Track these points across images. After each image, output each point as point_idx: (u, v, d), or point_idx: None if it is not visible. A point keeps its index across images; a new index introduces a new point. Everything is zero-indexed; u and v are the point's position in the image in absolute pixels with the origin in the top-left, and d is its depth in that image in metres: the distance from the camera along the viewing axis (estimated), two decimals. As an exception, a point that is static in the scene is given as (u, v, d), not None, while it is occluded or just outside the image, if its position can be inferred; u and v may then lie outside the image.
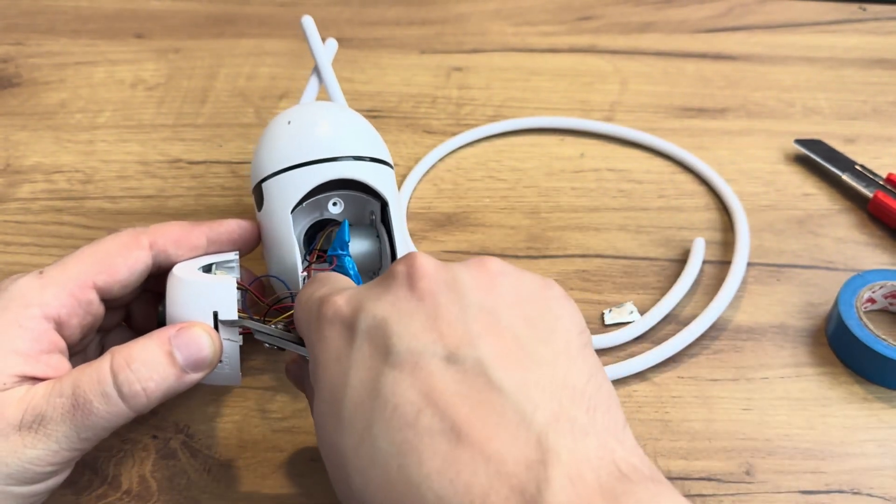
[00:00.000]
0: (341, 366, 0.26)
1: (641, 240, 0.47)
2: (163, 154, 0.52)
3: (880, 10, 0.66)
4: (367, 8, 0.66)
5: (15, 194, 0.49)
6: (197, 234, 0.36)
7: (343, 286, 0.30)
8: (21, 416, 0.29)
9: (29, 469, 0.29)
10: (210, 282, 0.34)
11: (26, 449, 0.29)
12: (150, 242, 0.35)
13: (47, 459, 0.30)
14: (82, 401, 0.30)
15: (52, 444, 0.30)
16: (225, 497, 0.35)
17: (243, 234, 0.38)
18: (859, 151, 0.53)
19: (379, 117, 0.55)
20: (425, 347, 0.25)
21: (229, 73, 0.59)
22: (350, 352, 0.26)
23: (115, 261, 0.34)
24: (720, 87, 0.58)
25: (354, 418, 0.25)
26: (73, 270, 0.33)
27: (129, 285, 0.35)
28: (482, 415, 0.23)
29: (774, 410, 0.39)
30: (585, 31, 0.64)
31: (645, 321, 0.42)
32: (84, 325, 0.34)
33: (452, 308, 0.26)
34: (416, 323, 0.25)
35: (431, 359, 0.25)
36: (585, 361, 0.26)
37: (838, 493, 0.36)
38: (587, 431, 0.24)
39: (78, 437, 0.30)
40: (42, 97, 0.57)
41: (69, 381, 0.30)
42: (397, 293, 0.27)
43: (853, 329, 0.40)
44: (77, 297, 0.33)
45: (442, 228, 0.48)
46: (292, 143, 0.38)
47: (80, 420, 0.30)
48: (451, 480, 0.22)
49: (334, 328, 0.27)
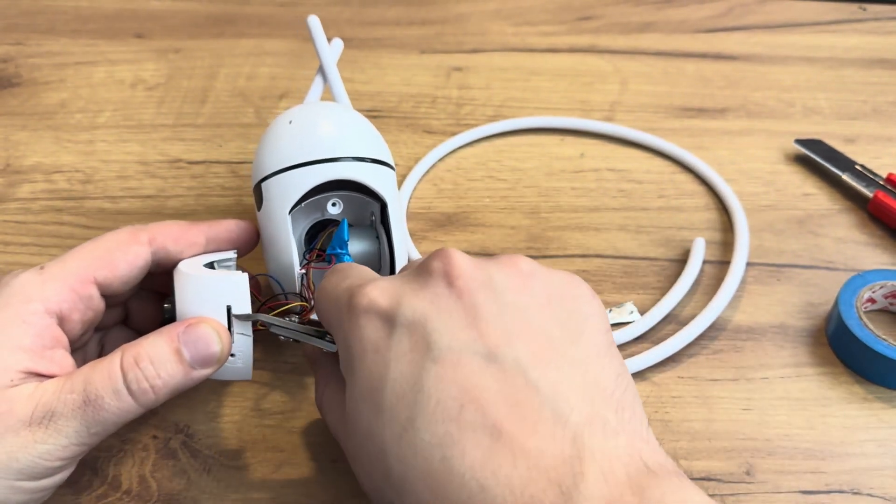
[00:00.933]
0: (381, 357, 0.27)
1: (641, 240, 0.47)
2: (163, 154, 0.52)
3: (880, 10, 0.66)
4: (367, 8, 0.66)
5: (15, 194, 0.49)
6: (195, 232, 0.36)
7: (370, 277, 0.31)
8: (31, 412, 0.30)
9: (39, 464, 0.30)
10: (222, 276, 0.34)
11: (37, 444, 0.29)
12: (149, 239, 0.35)
13: (57, 454, 0.30)
14: (94, 397, 0.30)
15: (61, 440, 0.30)
16: (225, 497, 0.35)
17: (241, 234, 0.38)
18: (859, 151, 0.53)
19: (379, 117, 0.55)
20: (466, 345, 0.26)
21: (229, 73, 0.59)
22: (389, 343, 0.27)
23: (115, 256, 0.34)
24: (720, 87, 0.58)
25: (396, 409, 0.26)
26: (74, 266, 0.33)
27: (129, 281, 0.35)
28: (521, 413, 0.25)
29: (774, 410, 0.39)
30: (585, 31, 0.64)
31: (645, 321, 0.42)
32: (85, 320, 0.34)
33: (491, 307, 0.27)
34: (455, 320, 0.27)
35: (472, 357, 0.26)
36: (612, 361, 0.28)
37: (838, 493, 0.36)
38: (617, 432, 0.25)
39: (88, 433, 0.30)
40: (42, 97, 0.57)
41: (80, 379, 0.30)
42: (435, 289, 0.28)
43: (853, 329, 0.40)
44: (78, 292, 0.33)
45: (442, 228, 0.48)
46: (292, 142, 0.38)
47: (90, 416, 0.30)
48: (493, 472, 0.24)
49: (370, 319, 0.28)
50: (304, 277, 0.37)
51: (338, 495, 0.35)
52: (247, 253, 0.39)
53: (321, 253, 0.38)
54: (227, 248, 0.37)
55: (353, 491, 0.35)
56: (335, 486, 0.35)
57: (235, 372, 0.34)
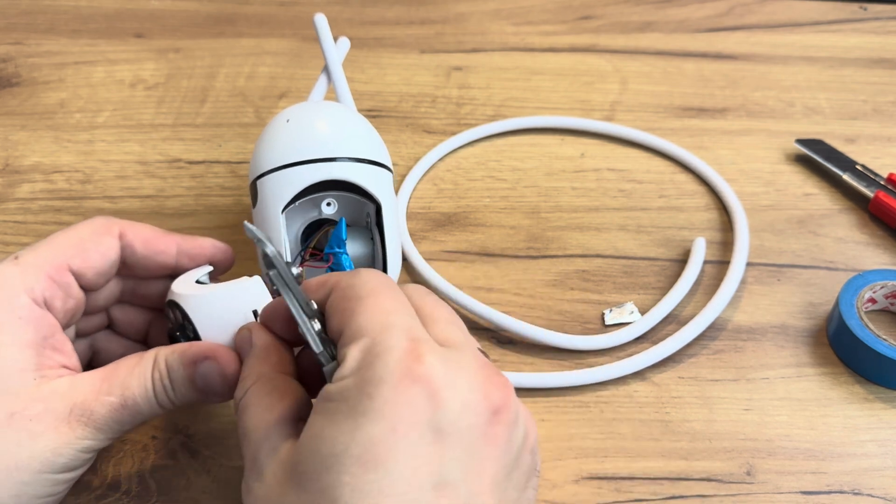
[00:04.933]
0: (409, 445, 0.25)
1: (642, 240, 0.47)
2: (162, 154, 0.52)
3: (880, 10, 0.66)
4: (367, 8, 0.66)
5: (14, 194, 0.49)
6: (167, 241, 0.36)
7: (422, 334, 0.28)
8: (69, 410, 0.30)
9: (81, 457, 0.31)
10: (237, 285, 0.34)
11: (79, 440, 0.30)
12: (120, 232, 0.35)
13: (96, 447, 0.31)
14: (131, 402, 0.31)
15: (100, 435, 0.31)
16: (225, 497, 0.35)
17: (217, 254, 0.37)
18: (860, 151, 0.53)
19: (379, 117, 0.55)
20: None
21: (229, 72, 0.59)
22: (430, 448, 0.25)
23: (87, 246, 0.34)
24: (720, 87, 0.58)
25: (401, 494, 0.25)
26: (48, 254, 0.33)
27: (103, 272, 0.34)
28: None
29: (775, 411, 0.39)
30: (585, 30, 0.64)
31: (645, 321, 0.42)
32: (67, 308, 0.33)
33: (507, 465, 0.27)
34: (487, 468, 0.26)
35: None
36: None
37: (839, 494, 0.36)
38: None
39: (121, 430, 0.32)
40: (41, 97, 0.57)
41: (118, 382, 0.31)
42: (496, 436, 0.27)
43: (854, 329, 0.39)
44: (56, 280, 0.33)
45: (442, 228, 0.48)
46: (288, 141, 0.38)
47: (127, 417, 0.31)
48: None
49: (422, 399, 0.25)
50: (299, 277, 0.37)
51: (337, 496, 0.35)
52: (222, 273, 0.38)
53: (317, 252, 0.38)
54: (200, 262, 0.36)
55: (353, 491, 0.35)
56: (335, 487, 0.35)
57: None
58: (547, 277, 0.45)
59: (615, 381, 0.40)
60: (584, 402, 0.39)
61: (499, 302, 0.43)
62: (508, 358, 0.41)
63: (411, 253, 0.45)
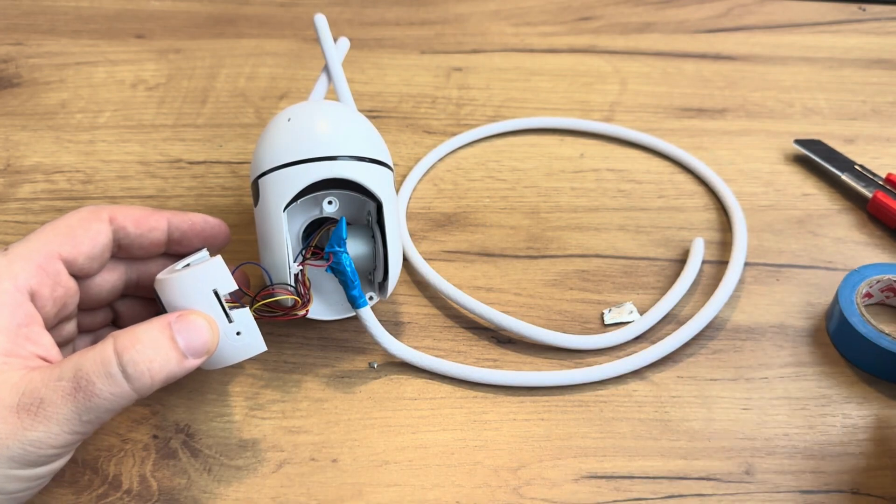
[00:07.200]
0: None
1: (641, 240, 0.47)
2: (163, 154, 0.52)
3: (880, 10, 0.66)
4: (367, 8, 0.66)
5: (15, 194, 0.49)
6: (157, 217, 0.36)
7: None
8: (17, 399, 0.29)
9: (30, 451, 0.29)
10: (198, 266, 0.34)
11: (26, 431, 0.29)
12: (109, 217, 0.35)
13: (48, 442, 0.29)
14: (84, 383, 0.29)
15: (52, 427, 0.29)
16: (225, 497, 0.35)
17: (209, 229, 0.37)
18: (859, 151, 0.53)
19: (379, 117, 0.56)
20: None
21: (229, 73, 0.59)
22: None
23: (77, 233, 0.34)
24: (720, 88, 0.58)
25: None
26: (37, 244, 0.33)
27: (94, 258, 0.35)
28: None
29: (774, 410, 0.39)
30: (585, 31, 0.64)
31: (644, 321, 0.42)
32: (56, 297, 0.33)
33: None
34: None
35: None
36: None
37: (838, 493, 0.36)
38: None
39: (80, 420, 0.30)
40: (42, 97, 0.57)
41: (70, 365, 0.30)
42: None
43: (856, 325, 0.40)
44: (45, 269, 0.33)
45: (442, 228, 0.48)
46: (290, 140, 0.38)
47: (81, 402, 0.30)
48: None
49: None
50: (300, 274, 0.38)
51: (338, 495, 0.35)
52: (219, 250, 0.38)
53: (317, 250, 0.39)
54: (193, 239, 0.37)
55: (354, 491, 0.35)
56: (335, 486, 0.36)
57: (248, 348, 0.34)
58: (546, 277, 0.45)
59: (614, 381, 0.40)
60: (584, 401, 0.39)
61: (498, 302, 0.44)
62: (508, 357, 0.41)
63: (411, 253, 0.45)
